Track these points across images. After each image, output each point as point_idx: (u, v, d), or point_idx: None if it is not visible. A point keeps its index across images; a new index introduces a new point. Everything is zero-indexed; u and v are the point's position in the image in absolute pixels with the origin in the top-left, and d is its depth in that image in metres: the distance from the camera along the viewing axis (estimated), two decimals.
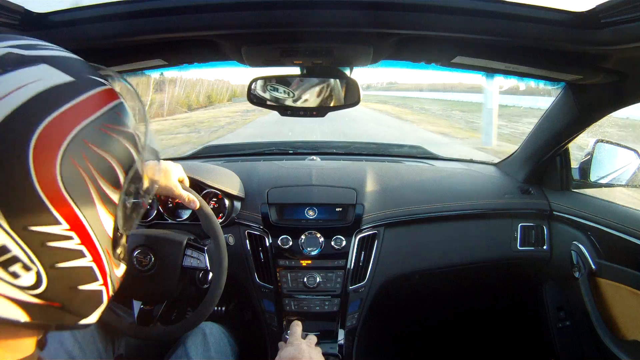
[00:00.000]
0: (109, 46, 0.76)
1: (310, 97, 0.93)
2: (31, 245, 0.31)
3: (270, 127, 12.17)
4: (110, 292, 0.41)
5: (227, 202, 1.18)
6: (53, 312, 0.35)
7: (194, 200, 0.91)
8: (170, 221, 1.17)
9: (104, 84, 0.37)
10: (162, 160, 0.91)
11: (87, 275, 0.36)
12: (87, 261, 0.35)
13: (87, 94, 0.34)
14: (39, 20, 0.68)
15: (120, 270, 0.42)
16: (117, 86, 0.41)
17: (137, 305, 1.01)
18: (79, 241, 0.33)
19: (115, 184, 0.36)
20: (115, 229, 0.38)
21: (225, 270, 0.92)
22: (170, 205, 1.20)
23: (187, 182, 0.95)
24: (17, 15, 0.65)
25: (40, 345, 0.41)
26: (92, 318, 0.40)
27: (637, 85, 0.85)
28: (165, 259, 0.95)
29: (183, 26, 0.67)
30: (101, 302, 0.40)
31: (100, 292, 0.38)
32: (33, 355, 0.38)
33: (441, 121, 14.46)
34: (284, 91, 0.91)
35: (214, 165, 1.30)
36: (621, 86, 0.87)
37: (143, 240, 0.96)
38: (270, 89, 0.93)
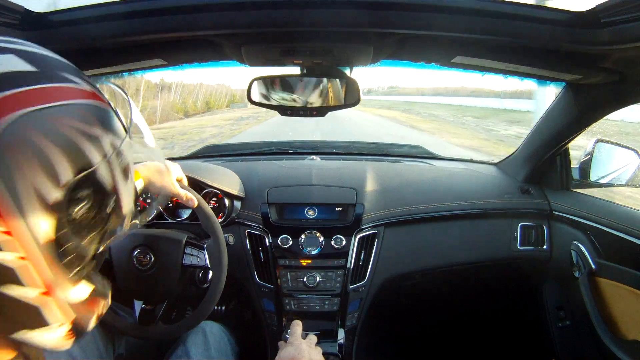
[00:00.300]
0: (109, 46, 0.76)
1: (311, 100, 0.93)
2: None
3: (260, 138, 11.61)
4: (59, 317, 0.35)
5: (227, 201, 1.18)
6: None
7: (192, 198, 0.91)
8: (170, 221, 1.18)
9: (75, 83, 0.36)
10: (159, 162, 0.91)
11: (8, 276, 0.31)
12: (15, 256, 0.31)
13: (48, 84, 0.34)
14: (39, 19, 0.68)
15: (79, 292, 0.37)
16: (107, 91, 0.40)
17: (137, 305, 1.02)
18: (4, 229, 0.30)
19: (54, 179, 0.32)
20: (63, 236, 0.34)
21: (225, 269, 0.92)
22: (170, 204, 1.20)
23: (185, 182, 0.96)
24: (17, 14, 0.65)
25: (32, 352, 0.38)
26: (40, 341, 0.35)
27: (636, 85, 0.85)
28: (165, 258, 0.95)
29: (183, 26, 0.67)
30: (40, 323, 0.34)
31: (37, 309, 0.33)
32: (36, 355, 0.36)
33: (460, 130, 12.98)
34: (273, 87, 0.91)
35: (213, 165, 1.30)
36: (621, 86, 0.87)
37: (142, 240, 0.96)
38: (270, 90, 0.93)
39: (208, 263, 0.96)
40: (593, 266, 1.11)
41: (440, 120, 17.51)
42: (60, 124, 0.33)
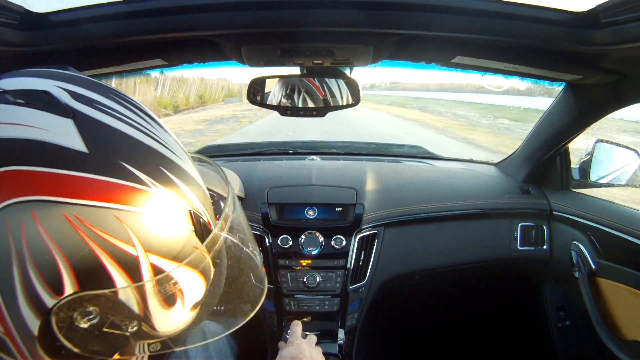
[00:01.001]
0: (109, 46, 0.76)
1: (311, 100, 0.93)
2: None
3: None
4: None
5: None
6: None
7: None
8: None
9: (128, 178, 0.28)
10: None
11: None
12: None
13: (90, 175, 0.27)
14: (39, 19, 0.68)
15: None
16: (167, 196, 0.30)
17: None
18: None
19: (52, 288, 0.27)
20: (47, 336, 0.29)
21: (225, 271, 0.92)
22: None
23: None
24: (17, 14, 0.65)
25: None
26: None
27: (636, 85, 0.85)
28: None
29: (183, 26, 0.67)
30: None
31: None
32: None
33: (508, 139, 9.45)
34: (284, 95, 0.91)
35: None
36: (621, 86, 0.87)
37: None
38: (270, 90, 0.93)
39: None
40: (593, 266, 1.11)
41: (472, 124, 14.18)
42: (81, 230, 0.27)
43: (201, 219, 0.34)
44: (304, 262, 1.15)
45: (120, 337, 0.31)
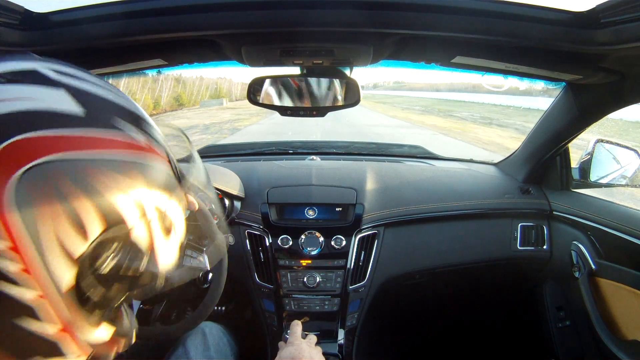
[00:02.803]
0: (109, 46, 0.76)
1: (311, 100, 0.93)
2: None
3: None
4: (77, 351, 0.34)
5: (227, 202, 1.18)
6: None
7: (193, 202, 0.91)
8: None
9: (124, 131, 0.33)
10: None
11: (24, 310, 0.30)
12: (35, 294, 0.30)
13: (92, 131, 0.31)
14: (39, 19, 0.68)
15: (99, 334, 0.35)
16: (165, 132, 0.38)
17: (136, 304, 1.01)
18: (22, 266, 0.29)
19: (80, 233, 0.30)
20: (84, 285, 0.32)
21: (225, 271, 0.92)
22: None
23: None
24: (17, 15, 0.65)
25: None
26: None
27: (636, 85, 0.85)
28: None
29: (183, 26, 0.67)
30: (61, 354, 0.33)
31: (53, 343, 0.32)
32: None
33: None
34: (273, 87, 0.91)
35: (213, 165, 1.30)
36: (621, 86, 0.87)
37: None
38: (270, 90, 0.93)
39: (208, 266, 0.96)
40: (593, 266, 1.11)
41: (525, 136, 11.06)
42: (98, 177, 0.30)
43: (176, 167, 0.40)
44: (304, 262, 1.16)
45: (133, 280, 0.36)
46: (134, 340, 0.40)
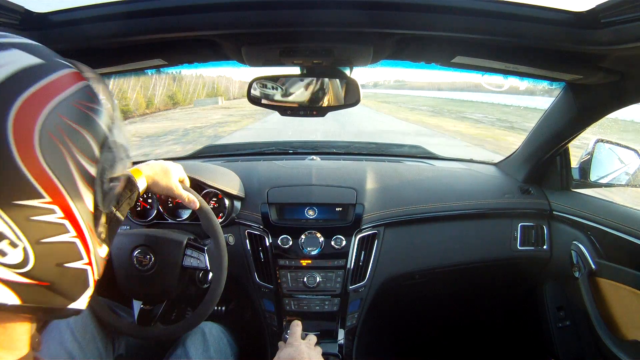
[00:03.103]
0: (109, 46, 0.76)
1: (311, 100, 0.93)
2: (16, 219, 0.31)
3: None
4: (96, 275, 0.42)
5: (227, 201, 1.18)
6: (42, 292, 0.35)
7: (194, 200, 0.91)
8: (170, 221, 1.18)
9: (72, 67, 0.38)
10: (162, 160, 0.91)
11: (72, 251, 0.37)
12: (70, 236, 0.36)
13: (57, 74, 0.36)
14: (39, 20, 0.68)
15: (103, 250, 0.43)
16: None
17: (137, 305, 1.01)
18: (62, 215, 0.34)
19: (92, 157, 0.37)
20: (95, 205, 0.39)
21: (225, 271, 0.92)
22: (170, 204, 1.20)
23: (187, 182, 0.95)
24: (17, 15, 0.65)
25: (34, 344, 0.40)
26: (81, 303, 0.41)
27: (636, 85, 0.85)
28: (165, 259, 0.95)
29: (183, 26, 0.67)
30: (87, 284, 0.40)
31: (85, 272, 0.39)
32: (28, 356, 0.37)
33: None
34: (273, 87, 0.92)
35: (214, 165, 1.30)
36: (621, 86, 0.87)
37: (143, 240, 0.96)
38: (270, 90, 0.93)
39: (208, 265, 0.96)
40: (593, 266, 1.11)
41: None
42: (79, 106, 0.36)
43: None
44: (304, 262, 1.16)
45: (118, 183, 0.43)
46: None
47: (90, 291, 0.41)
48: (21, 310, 0.34)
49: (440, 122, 15.76)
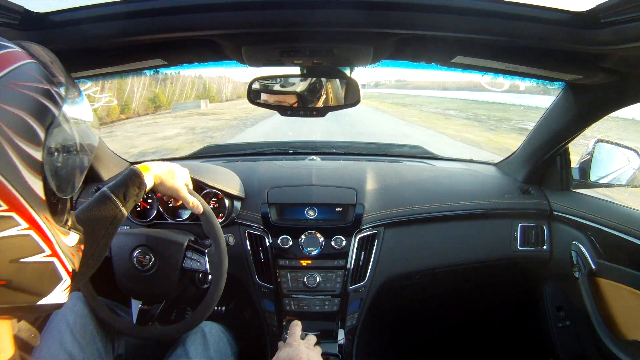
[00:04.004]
0: (109, 46, 0.76)
1: (311, 100, 0.93)
2: None
3: None
4: (69, 266, 0.39)
5: (227, 202, 1.18)
6: (0, 291, 0.33)
7: (198, 205, 0.91)
8: (170, 221, 1.17)
9: (10, 47, 0.36)
10: (168, 162, 0.91)
11: (28, 245, 0.34)
12: (21, 229, 0.33)
13: None
14: (39, 20, 0.68)
15: (71, 239, 0.41)
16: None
17: (136, 305, 1.01)
18: (5, 207, 0.32)
19: (34, 141, 0.34)
20: (49, 192, 0.36)
21: (225, 273, 0.92)
22: (170, 205, 1.20)
23: (191, 186, 0.95)
24: (17, 15, 0.65)
25: (31, 339, 0.40)
26: (57, 297, 0.38)
27: (636, 85, 0.85)
28: (165, 260, 0.95)
29: (183, 26, 0.67)
30: (58, 277, 0.38)
31: (52, 264, 0.37)
32: (14, 358, 0.37)
33: None
34: (273, 86, 0.92)
35: (214, 165, 1.30)
36: (621, 86, 0.87)
37: (144, 240, 0.96)
38: (270, 90, 0.93)
39: (208, 268, 0.96)
40: (593, 266, 1.11)
41: None
42: (17, 88, 0.34)
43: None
44: (304, 262, 1.16)
45: (76, 167, 0.40)
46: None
47: (66, 284, 0.39)
48: None
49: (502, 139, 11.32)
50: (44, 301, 0.37)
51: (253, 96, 0.93)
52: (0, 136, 0.31)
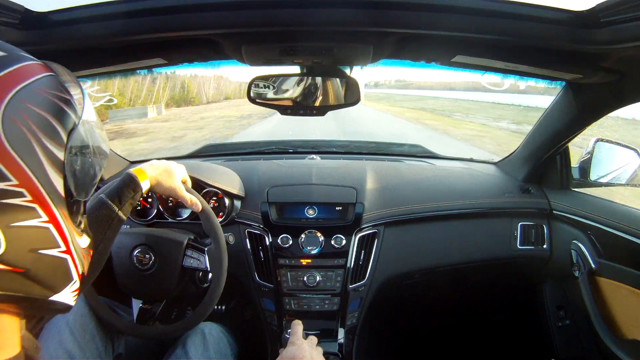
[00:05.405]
0: (109, 45, 0.76)
1: (311, 99, 0.93)
2: None
3: None
4: (79, 268, 0.41)
5: (227, 201, 1.18)
6: (18, 280, 0.35)
7: (197, 203, 0.91)
8: (170, 220, 1.18)
9: (35, 60, 0.39)
10: (165, 160, 0.91)
11: (46, 237, 0.36)
12: (42, 221, 0.36)
13: (20, 64, 0.37)
14: (39, 19, 0.68)
15: (84, 241, 0.43)
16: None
17: (136, 304, 1.02)
18: (30, 198, 0.34)
19: (58, 141, 0.37)
20: (67, 192, 0.38)
21: (225, 272, 0.92)
22: (170, 204, 1.20)
23: (189, 183, 0.95)
24: (17, 14, 0.65)
25: (33, 350, 0.40)
26: (67, 297, 0.40)
27: (636, 84, 0.85)
28: (165, 259, 0.95)
29: (183, 25, 0.67)
30: (69, 276, 0.40)
31: (65, 262, 0.39)
32: (19, 356, 0.37)
33: None
34: (273, 86, 0.92)
35: (214, 164, 1.30)
36: (621, 85, 0.87)
37: (143, 240, 0.96)
38: (270, 90, 0.93)
39: (208, 266, 0.96)
40: (593, 266, 1.11)
41: None
42: (43, 94, 0.37)
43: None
44: (304, 261, 1.16)
45: (91, 171, 0.43)
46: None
47: (75, 285, 0.41)
48: None
49: None
50: (55, 297, 0.39)
51: (253, 96, 0.93)
52: (30, 134, 0.34)
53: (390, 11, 0.65)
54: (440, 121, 16.55)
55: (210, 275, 1.04)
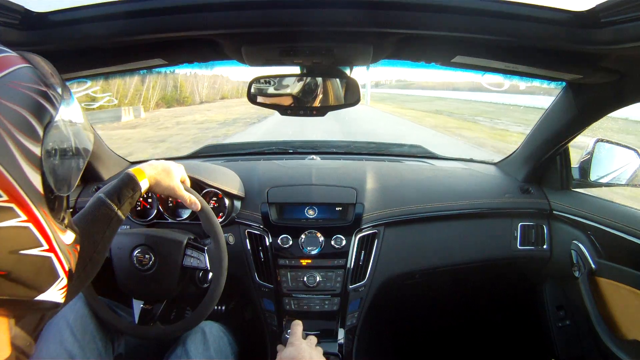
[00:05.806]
0: (109, 45, 0.76)
1: (311, 99, 0.93)
2: None
3: None
4: (65, 265, 0.40)
5: (227, 201, 1.18)
6: (0, 283, 0.34)
7: (196, 202, 0.91)
8: (170, 220, 1.18)
9: (8, 52, 0.38)
10: (164, 160, 0.91)
11: (26, 237, 0.35)
12: (20, 221, 0.34)
13: None
14: (39, 19, 0.68)
15: (68, 237, 0.42)
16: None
17: (137, 304, 1.02)
18: (6, 197, 0.33)
19: (33, 136, 0.35)
20: (47, 188, 0.37)
21: (225, 271, 0.92)
22: (170, 204, 1.20)
23: (188, 183, 0.95)
24: (17, 14, 0.65)
25: (26, 348, 0.40)
26: (54, 295, 0.39)
27: (636, 84, 0.85)
28: (165, 259, 0.95)
29: (183, 25, 0.67)
30: (55, 274, 0.39)
31: (49, 260, 0.38)
32: (11, 358, 0.37)
33: None
34: (273, 86, 0.92)
35: (214, 164, 1.30)
36: (621, 86, 0.87)
37: (143, 240, 0.96)
38: (270, 90, 0.93)
39: (208, 265, 0.96)
40: (593, 266, 1.11)
41: None
42: (18, 87, 0.36)
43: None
44: (304, 262, 1.16)
45: (73, 165, 0.42)
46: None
47: (62, 283, 0.40)
48: None
49: None
50: (41, 297, 0.38)
51: (253, 96, 0.93)
52: (2, 130, 0.33)
53: (390, 11, 0.65)
54: (476, 131, 13.41)
55: (210, 275, 1.04)
